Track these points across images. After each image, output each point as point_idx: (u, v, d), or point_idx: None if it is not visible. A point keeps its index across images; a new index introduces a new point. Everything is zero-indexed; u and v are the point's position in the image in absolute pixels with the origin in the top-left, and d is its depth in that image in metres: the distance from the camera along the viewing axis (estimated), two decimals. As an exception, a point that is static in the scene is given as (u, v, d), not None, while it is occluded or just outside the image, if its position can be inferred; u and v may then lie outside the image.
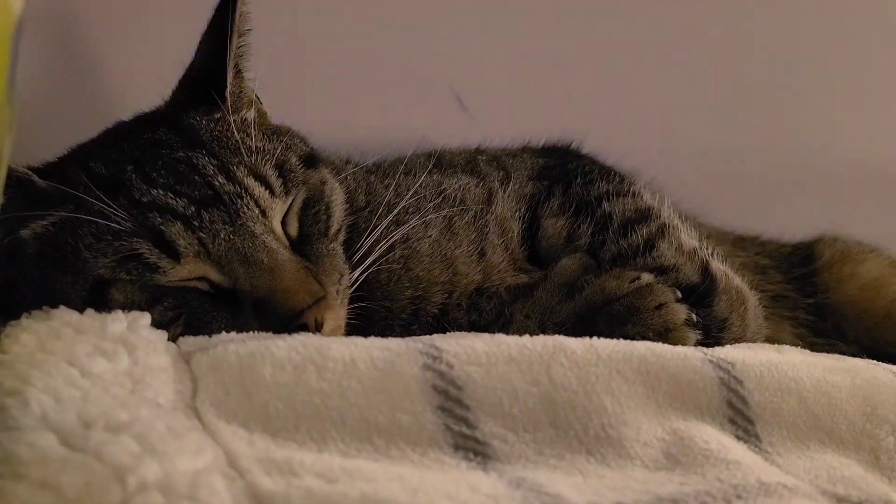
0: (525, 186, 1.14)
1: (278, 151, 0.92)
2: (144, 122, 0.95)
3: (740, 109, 1.64)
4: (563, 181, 1.14)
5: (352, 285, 0.93)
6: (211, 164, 0.86)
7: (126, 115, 0.98)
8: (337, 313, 0.87)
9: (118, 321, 0.72)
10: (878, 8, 1.68)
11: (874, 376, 0.86)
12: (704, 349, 0.83)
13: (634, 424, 0.72)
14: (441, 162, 1.14)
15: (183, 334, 0.78)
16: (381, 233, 0.98)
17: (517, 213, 1.10)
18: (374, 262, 0.95)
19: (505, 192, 1.11)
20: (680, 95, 1.61)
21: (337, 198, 0.97)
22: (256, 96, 1.00)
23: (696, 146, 1.61)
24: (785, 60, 1.64)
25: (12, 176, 0.80)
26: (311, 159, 0.97)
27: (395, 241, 0.99)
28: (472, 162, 1.16)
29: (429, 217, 1.02)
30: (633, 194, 1.11)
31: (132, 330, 0.72)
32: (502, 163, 1.18)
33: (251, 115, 0.96)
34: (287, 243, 0.88)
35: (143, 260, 0.80)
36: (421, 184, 1.05)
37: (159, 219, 0.81)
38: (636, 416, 0.73)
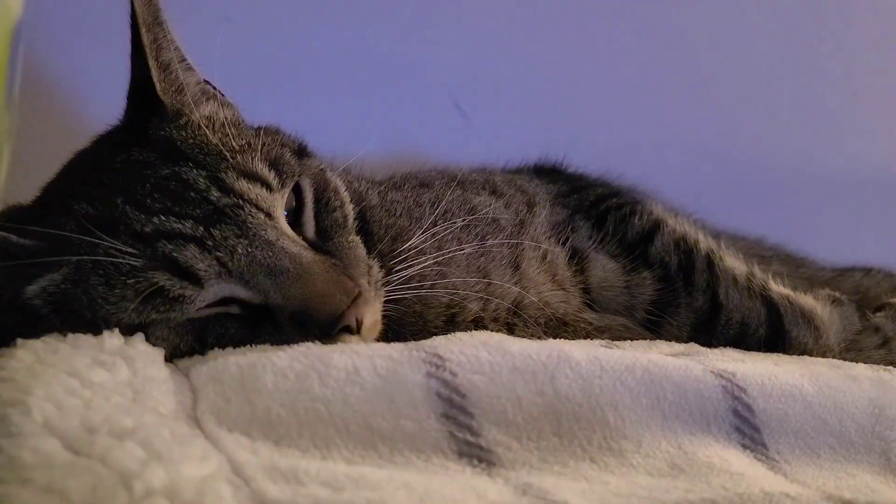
0: (552, 215, 1.14)
1: (266, 146, 0.86)
2: (109, 145, 0.88)
3: (741, 113, 1.66)
4: (586, 212, 1.17)
5: (389, 287, 0.90)
6: (200, 176, 0.80)
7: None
8: (374, 307, 0.84)
9: (115, 336, 0.72)
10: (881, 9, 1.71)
11: (879, 378, 0.86)
12: (703, 361, 0.83)
13: (635, 438, 0.72)
14: (455, 178, 1.12)
15: None
16: (418, 240, 0.95)
17: (553, 240, 1.10)
18: (414, 269, 0.92)
19: (535, 217, 1.10)
20: (681, 100, 1.62)
21: (341, 183, 0.93)
22: (212, 86, 0.93)
23: (699, 150, 1.63)
24: (785, 62, 1.66)
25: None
26: (303, 150, 0.92)
27: (427, 248, 0.95)
28: (489, 182, 1.14)
29: (461, 235, 1.01)
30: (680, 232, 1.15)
31: (129, 344, 0.72)
32: (520, 186, 1.17)
33: (222, 113, 0.89)
34: (304, 242, 0.83)
35: (166, 293, 0.75)
36: (448, 199, 1.04)
37: (170, 246, 0.76)
38: (637, 429, 0.73)
